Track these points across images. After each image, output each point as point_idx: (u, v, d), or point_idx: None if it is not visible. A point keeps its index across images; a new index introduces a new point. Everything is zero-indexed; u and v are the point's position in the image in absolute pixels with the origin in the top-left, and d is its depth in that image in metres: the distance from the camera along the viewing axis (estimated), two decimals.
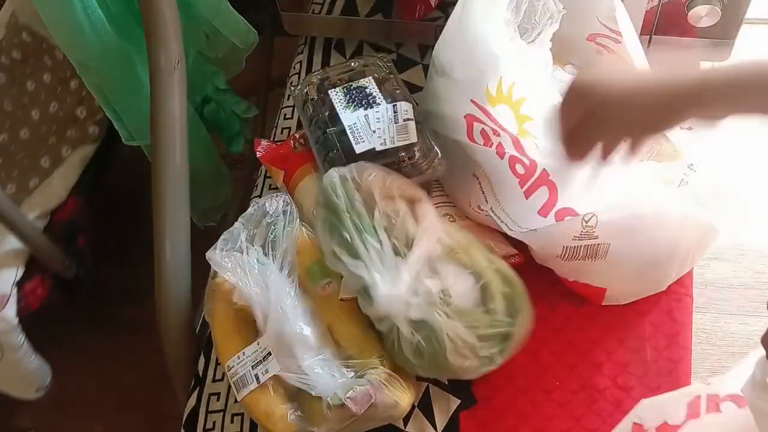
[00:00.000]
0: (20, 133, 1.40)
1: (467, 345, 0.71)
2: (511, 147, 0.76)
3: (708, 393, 0.57)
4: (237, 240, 0.78)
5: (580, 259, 0.78)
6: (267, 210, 0.81)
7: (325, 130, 0.87)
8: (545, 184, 0.75)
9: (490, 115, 0.77)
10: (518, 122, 0.77)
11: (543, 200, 0.75)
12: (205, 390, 0.86)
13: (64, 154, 1.34)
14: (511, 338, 0.73)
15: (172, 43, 0.86)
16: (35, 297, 1.22)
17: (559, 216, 0.75)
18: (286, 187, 0.95)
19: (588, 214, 0.74)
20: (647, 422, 0.59)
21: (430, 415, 0.77)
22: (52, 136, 1.37)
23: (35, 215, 1.25)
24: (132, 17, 1.08)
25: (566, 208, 0.75)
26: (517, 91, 0.78)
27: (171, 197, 0.90)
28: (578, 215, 0.74)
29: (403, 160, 0.82)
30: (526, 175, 0.76)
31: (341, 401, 0.69)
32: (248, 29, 1.16)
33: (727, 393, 0.55)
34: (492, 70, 0.77)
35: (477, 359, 0.72)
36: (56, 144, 1.35)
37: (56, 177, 1.31)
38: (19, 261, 1.20)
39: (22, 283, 1.19)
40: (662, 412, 0.59)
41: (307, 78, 0.94)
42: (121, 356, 1.52)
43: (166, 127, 0.89)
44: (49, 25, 1.02)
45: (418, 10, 1.04)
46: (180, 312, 0.93)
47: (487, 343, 0.72)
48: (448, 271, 0.75)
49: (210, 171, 1.36)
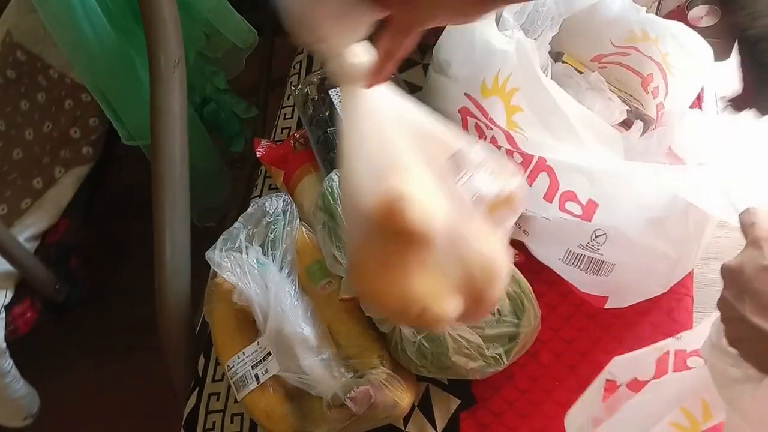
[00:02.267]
0: (13, 153, 1.38)
1: (471, 345, 0.71)
2: (504, 140, 0.76)
3: (676, 349, 0.58)
4: (237, 240, 0.78)
5: (582, 270, 0.78)
6: (267, 210, 0.81)
7: (325, 130, 0.87)
8: (544, 169, 0.75)
9: (481, 107, 0.77)
10: (507, 114, 0.77)
11: (546, 185, 0.75)
12: (204, 390, 0.85)
13: (57, 174, 1.32)
14: (518, 338, 0.73)
15: (172, 43, 0.86)
16: (24, 321, 1.20)
17: (564, 199, 0.75)
18: (286, 187, 0.95)
19: (599, 230, 0.74)
20: (619, 378, 0.60)
21: (430, 415, 0.77)
22: (46, 157, 1.35)
23: (26, 237, 1.23)
24: (132, 17, 1.08)
25: (568, 191, 0.75)
26: (510, 82, 0.78)
27: (171, 197, 0.91)
28: (579, 202, 0.75)
29: None
30: (524, 164, 0.76)
31: (341, 401, 0.69)
32: (248, 29, 1.16)
33: (694, 348, 0.56)
34: (490, 65, 0.77)
35: (482, 359, 0.72)
36: (50, 164, 1.34)
37: (49, 198, 1.29)
38: (8, 284, 1.18)
39: (10, 306, 1.17)
40: (633, 368, 0.60)
41: (308, 77, 0.94)
42: (120, 356, 1.52)
43: (166, 127, 0.89)
44: (49, 26, 1.02)
45: None
46: (180, 312, 0.93)
47: (492, 344, 0.72)
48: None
49: (210, 171, 1.36)
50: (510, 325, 0.73)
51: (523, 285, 0.75)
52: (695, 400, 0.55)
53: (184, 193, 0.93)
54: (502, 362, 0.73)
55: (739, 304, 0.46)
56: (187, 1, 1.08)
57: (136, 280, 1.04)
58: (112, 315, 1.55)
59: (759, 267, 0.45)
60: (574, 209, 0.75)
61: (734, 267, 0.48)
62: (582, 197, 0.74)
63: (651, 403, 0.56)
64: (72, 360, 1.42)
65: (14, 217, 1.28)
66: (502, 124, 0.77)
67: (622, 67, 0.91)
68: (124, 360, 1.51)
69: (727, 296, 0.48)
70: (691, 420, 0.55)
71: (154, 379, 1.10)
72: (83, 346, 1.50)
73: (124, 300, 1.50)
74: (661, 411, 0.55)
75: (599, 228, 0.74)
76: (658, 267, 0.77)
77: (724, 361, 0.48)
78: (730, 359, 0.48)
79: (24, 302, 1.20)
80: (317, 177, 0.92)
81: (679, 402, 0.55)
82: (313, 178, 0.92)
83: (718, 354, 0.49)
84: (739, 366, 0.47)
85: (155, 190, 0.90)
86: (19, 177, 1.35)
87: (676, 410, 0.55)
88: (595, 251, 0.76)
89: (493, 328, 0.72)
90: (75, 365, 1.45)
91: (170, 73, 0.87)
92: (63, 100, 1.38)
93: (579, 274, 0.79)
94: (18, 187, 1.33)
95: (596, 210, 0.74)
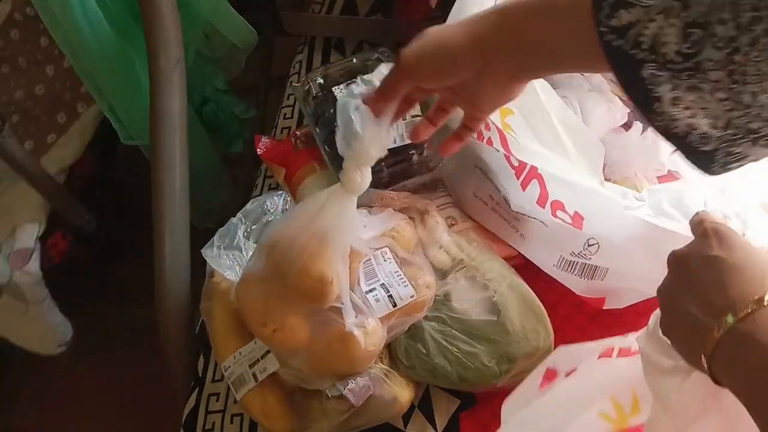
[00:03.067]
0: (36, 90, 1.41)
1: (461, 351, 0.71)
2: (499, 144, 0.76)
3: (621, 346, 0.57)
4: (234, 237, 0.77)
5: (576, 275, 0.78)
6: (267, 208, 0.81)
7: (332, 129, 0.86)
8: (535, 177, 0.75)
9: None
10: (501, 115, 0.77)
11: (537, 192, 0.76)
12: (204, 390, 0.85)
13: (80, 109, 1.35)
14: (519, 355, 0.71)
15: (172, 43, 0.86)
16: (57, 251, 1.26)
17: (554, 207, 0.75)
18: (288, 185, 0.95)
19: (592, 239, 0.74)
20: (559, 367, 0.60)
21: (430, 415, 0.77)
22: (67, 92, 1.38)
23: (54, 170, 1.27)
24: (132, 17, 1.08)
25: (557, 200, 0.75)
26: None
27: (170, 197, 0.91)
28: (567, 212, 0.75)
29: (412, 157, 0.82)
30: (519, 168, 0.76)
31: (340, 393, 0.69)
32: (248, 29, 1.16)
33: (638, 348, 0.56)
34: None
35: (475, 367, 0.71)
36: (71, 100, 1.37)
37: (73, 132, 1.33)
38: (41, 216, 1.23)
39: (44, 237, 1.22)
40: (575, 359, 0.60)
41: (309, 75, 0.94)
42: (120, 356, 1.52)
43: (166, 127, 0.89)
44: (48, 25, 1.02)
45: (418, 10, 1.04)
46: (180, 312, 0.93)
47: (488, 354, 0.71)
48: (456, 278, 0.74)
49: (209, 172, 1.36)
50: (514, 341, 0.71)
51: (528, 297, 0.75)
52: (626, 391, 0.54)
53: (184, 194, 0.93)
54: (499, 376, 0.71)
55: (679, 292, 0.46)
56: (187, 1, 1.08)
57: (136, 280, 1.04)
58: (112, 315, 1.55)
59: (703, 257, 0.45)
60: (564, 218, 0.75)
61: (680, 255, 0.47)
62: (569, 208, 0.75)
63: (581, 389, 0.56)
64: (72, 360, 1.42)
65: (41, 151, 1.31)
66: (498, 125, 0.77)
67: None
68: (124, 360, 1.51)
69: (668, 283, 0.47)
70: (619, 411, 0.54)
71: (154, 379, 1.10)
72: (83, 346, 1.50)
73: (124, 300, 1.50)
74: (592, 397, 0.55)
75: (592, 237, 0.74)
76: (654, 274, 0.77)
77: (655, 350, 0.48)
78: (662, 348, 0.48)
79: (56, 234, 1.25)
80: (320, 176, 0.92)
81: (609, 390, 0.55)
82: (315, 178, 0.92)
83: (651, 342, 0.49)
84: (669, 356, 0.47)
85: (155, 190, 0.90)
86: (43, 113, 1.38)
87: (606, 399, 0.54)
88: (587, 259, 0.75)
89: (490, 342, 0.71)
90: (75, 365, 1.45)
91: (170, 73, 0.87)
92: None
93: (574, 279, 0.78)
94: (42, 122, 1.36)
95: (583, 222, 0.74)
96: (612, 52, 0.38)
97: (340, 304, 0.65)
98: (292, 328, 0.66)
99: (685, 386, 0.45)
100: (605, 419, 0.54)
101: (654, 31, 0.35)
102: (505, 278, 0.75)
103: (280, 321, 0.66)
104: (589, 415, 0.54)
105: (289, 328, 0.66)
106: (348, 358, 0.66)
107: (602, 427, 0.54)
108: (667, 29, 0.35)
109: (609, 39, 0.37)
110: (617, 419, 0.54)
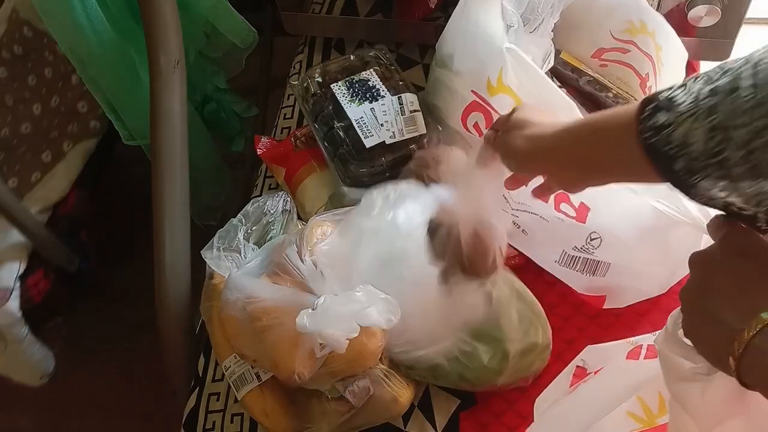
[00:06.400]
0: (22, 128, 1.41)
1: (460, 351, 0.71)
2: None
3: (649, 344, 0.58)
4: (234, 239, 0.77)
5: (578, 271, 0.78)
6: (268, 209, 0.81)
7: (331, 126, 0.86)
8: None
9: (490, 105, 0.77)
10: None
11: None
12: (204, 390, 0.85)
13: (65, 148, 1.35)
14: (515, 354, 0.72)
15: (172, 43, 0.86)
16: (38, 290, 1.24)
17: (558, 200, 0.75)
18: (287, 185, 0.95)
19: (594, 233, 0.74)
20: (589, 365, 0.61)
21: (430, 415, 0.77)
22: (54, 131, 1.38)
23: (37, 209, 1.26)
24: (132, 17, 1.08)
25: (561, 193, 0.75)
26: (513, 79, 0.78)
27: (171, 197, 0.90)
28: (572, 204, 0.74)
29: (413, 152, 0.82)
30: None
31: (340, 394, 0.69)
32: (248, 29, 1.16)
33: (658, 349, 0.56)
34: (494, 62, 0.77)
35: (474, 366, 0.71)
36: (58, 138, 1.36)
37: (58, 171, 1.32)
38: (21, 255, 1.21)
39: (24, 276, 1.21)
40: (604, 357, 0.61)
41: (308, 72, 0.94)
42: (120, 356, 1.52)
43: (167, 126, 0.89)
44: (49, 25, 1.02)
45: (418, 10, 1.04)
46: (180, 312, 0.93)
47: (487, 353, 0.71)
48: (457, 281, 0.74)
49: (210, 170, 1.36)
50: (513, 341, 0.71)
51: (528, 299, 0.75)
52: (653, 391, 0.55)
53: (184, 193, 0.93)
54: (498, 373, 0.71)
55: (703, 294, 0.46)
56: (187, 1, 1.08)
57: (136, 280, 1.04)
58: (112, 315, 1.55)
59: (729, 260, 0.45)
60: (568, 211, 0.75)
61: (704, 257, 0.47)
62: (574, 200, 0.74)
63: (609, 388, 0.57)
64: (72, 360, 1.42)
65: (25, 189, 1.31)
66: None
67: (623, 65, 0.91)
68: (124, 360, 1.51)
69: (691, 285, 0.47)
70: (647, 411, 0.55)
71: (154, 379, 1.10)
72: (83, 347, 1.50)
73: (124, 300, 1.50)
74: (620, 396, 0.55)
75: (594, 231, 0.74)
76: (655, 271, 0.77)
77: (676, 353, 0.48)
78: (683, 351, 0.48)
79: (37, 272, 1.24)
80: (320, 177, 0.92)
81: (636, 390, 0.55)
82: (315, 178, 0.92)
83: (671, 345, 0.49)
84: (691, 359, 0.47)
85: (155, 189, 0.90)
86: (28, 151, 1.37)
87: (633, 399, 0.55)
88: (590, 253, 0.75)
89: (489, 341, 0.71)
90: (75, 365, 1.45)
91: (170, 73, 0.87)
92: (70, 74, 1.40)
93: (575, 275, 0.78)
94: (27, 160, 1.36)
95: (588, 213, 0.74)
96: (649, 148, 0.44)
97: None
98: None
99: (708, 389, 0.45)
100: (634, 419, 0.55)
101: (683, 132, 0.42)
102: (501, 276, 0.75)
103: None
104: (617, 413, 0.55)
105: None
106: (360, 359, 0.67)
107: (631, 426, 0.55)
108: (693, 131, 0.42)
109: (647, 136, 0.44)
110: (646, 419, 0.55)
